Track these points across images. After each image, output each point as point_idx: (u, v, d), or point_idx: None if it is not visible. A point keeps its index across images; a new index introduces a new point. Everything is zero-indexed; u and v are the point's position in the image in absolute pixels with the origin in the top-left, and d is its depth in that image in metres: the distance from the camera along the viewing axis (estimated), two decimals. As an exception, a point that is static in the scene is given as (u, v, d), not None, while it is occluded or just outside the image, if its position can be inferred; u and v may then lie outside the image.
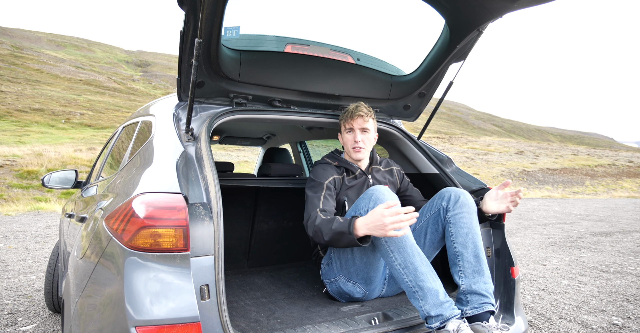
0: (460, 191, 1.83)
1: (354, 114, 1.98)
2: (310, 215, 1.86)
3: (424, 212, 1.92)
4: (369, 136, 2.03)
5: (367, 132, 2.02)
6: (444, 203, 1.82)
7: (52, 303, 3.18)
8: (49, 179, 3.09)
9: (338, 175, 2.06)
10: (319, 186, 1.98)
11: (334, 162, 2.10)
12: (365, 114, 1.98)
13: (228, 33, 1.71)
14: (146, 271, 1.17)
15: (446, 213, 1.81)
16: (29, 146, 18.76)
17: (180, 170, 1.42)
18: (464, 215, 1.76)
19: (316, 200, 1.92)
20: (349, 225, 1.61)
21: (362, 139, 2.00)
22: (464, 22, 1.84)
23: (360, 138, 2.00)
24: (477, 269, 1.66)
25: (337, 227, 1.65)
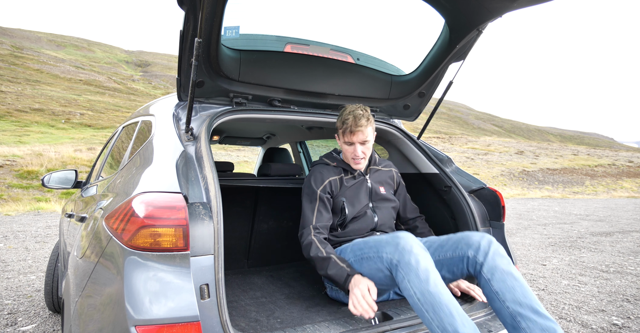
0: (491, 240, 1.63)
1: (353, 129, 1.89)
2: (304, 230, 1.92)
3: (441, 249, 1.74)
4: (368, 145, 1.98)
5: (367, 143, 1.97)
6: (472, 252, 1.62)
7: (52, 303, 3.18)
8: (49, 179, 3.09)
9: (336, 175, 2.05)
10: (312, 195, 1.99)
11: (332, 162, 2.09)
12: (365, 125, 1.90)
13: (228, 33, 1.71)
14: (146, 270, 1.17)
15: (479, 266, 1.59)
16: (29, 146, 18.76)
17: (180, 170, 1.42)
18: (504, 267, 1.55)
19: (309, 212, 1.96)
20: (345, 281, 1.69)
21: (363, 150, 1.97)
22: (463, 22, 1.84)
23: (360, 151, 1.96)
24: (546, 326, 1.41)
25: (333, 274, 1.72)
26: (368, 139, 1.94)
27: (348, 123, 1.90)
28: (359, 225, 2.01)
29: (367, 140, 1.94)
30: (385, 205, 2.09)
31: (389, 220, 2.09)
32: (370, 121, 1.93)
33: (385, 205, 2.09)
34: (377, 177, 2.14)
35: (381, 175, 2.16)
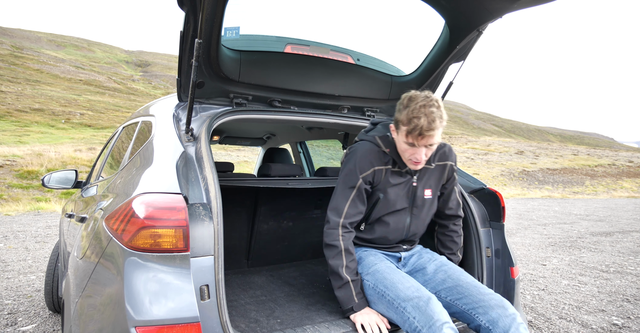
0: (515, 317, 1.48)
1: (424, 132, 1.51)
2: (330, 225, 1.73)
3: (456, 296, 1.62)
4: (434, 147, 1.62)
5: (433, 145, 1.60)
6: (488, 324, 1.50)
7: (52, 303, 3.18)
8: (49, 179, 3.09)
9: (383, 165, 1.72)
10: (352, 181, 1.70)
11: (385, 147, 1.72)
12: (438, 128, 1.53)
13: (228, 33, 1.72)
14: (146, 271, 1.17)
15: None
16: (29, 146, 18.76)
17: (180, 171, 1.42)
18: None
19: (343, 200, 1.71)
20: (346, 310, 1.65)
21: (427, 153, 1.62)
22: (463, 23, 1.85)
23: (423, 154, 1.61)
24: None
25: (340, 296, 1.66)
26: (436, 141, 1.57)
27: (419, 124, 1.50)
28: (387, 232, 1.79)
29: (434, 143, 1.58)
30: (424, 210, 1.82)
31: (422, 228, 1.87)
32: (443, 120, 1.55)
33: (424, 211, 1.82)
34: (428, 177, 1.80)
35: (432, 175, 1.81)
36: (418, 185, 1.77)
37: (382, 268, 1.68)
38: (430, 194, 1.80)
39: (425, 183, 1.79)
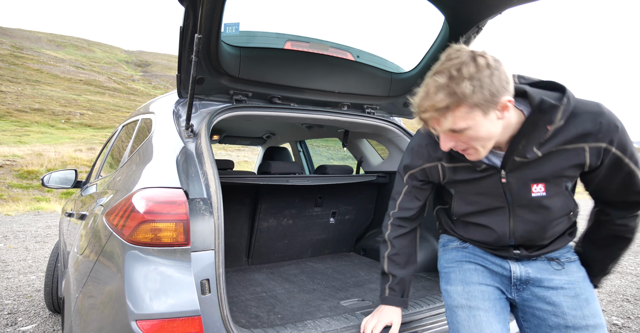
0: None
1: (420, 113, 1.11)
2: (388, 214, 1.53)
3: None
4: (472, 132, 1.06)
5: (461, 133, 1.07)
6: None
7: (52, 303, 3.18)
8: (49, 179, 3.10)
9: (436, 160, 1.33)
10: (402, 177, 1.45)
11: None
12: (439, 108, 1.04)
13: (228, 29, 1.72)
14: (147, 265, 1.17)
15: None
16: (29, 146, 18.76)
17: (181, 166, 1.43)
18: None
19: (398, 192, 1.47)
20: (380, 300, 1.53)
21: (458, 142, 1.12)
22: (463, 19, 1.85)
23: (448, 145, 1.14)
24: None
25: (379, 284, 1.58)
26: (457, 127, 1.05)
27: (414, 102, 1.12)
28: (484, 234, 1.32)
29: (454, 129, 1.06)
30: (539, 211, 1.22)
31: (543, 232, 1.24)
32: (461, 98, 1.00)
33: (539, 211, 1.22)
34: (533, 169, 1.18)
35: (543, 165, 1.16)
36: (510, 180, 1.20)
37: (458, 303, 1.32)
38: (542, 190, 1.19)
39: (527, 177, 1.19)
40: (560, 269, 1.28)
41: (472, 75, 0.98)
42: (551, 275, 1.27)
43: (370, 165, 3.09)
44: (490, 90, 0.99)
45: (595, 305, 1.23)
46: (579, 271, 1.29)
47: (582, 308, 1.21)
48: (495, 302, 1.30)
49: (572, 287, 1.25)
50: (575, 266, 1.29)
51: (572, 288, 1.24)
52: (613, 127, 1.10)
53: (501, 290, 1.33)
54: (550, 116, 1.09)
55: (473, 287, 1.31)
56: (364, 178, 2.83)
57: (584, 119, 1.10)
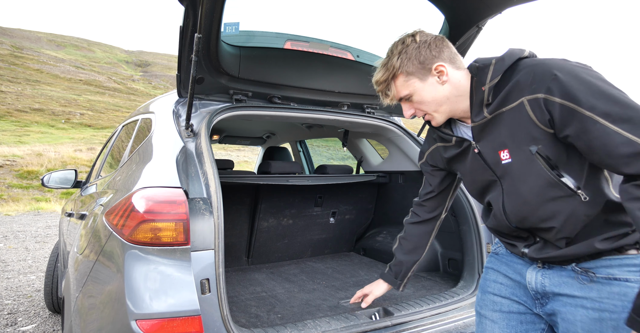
0: None
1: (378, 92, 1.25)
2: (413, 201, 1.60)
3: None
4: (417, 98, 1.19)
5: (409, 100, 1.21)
6: None
7: (52, 303, 3.18)
8: (49, 179, 3.10)
9: (434, 142, 1.39)
10: (420, 158, 1.49)
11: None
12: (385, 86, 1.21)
13: (227, 29, 1.71)
14: (146, 265, 1.17)
15: None
16: (29, 146, 18.76)
17: (180, 166, 1.43)
18: None
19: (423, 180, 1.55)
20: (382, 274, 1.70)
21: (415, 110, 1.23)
22: (463, 18, 1.84)
23: (408, 113, 1.24)
24: None
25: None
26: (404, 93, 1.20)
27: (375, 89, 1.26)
28: (494, 217, 1.21)
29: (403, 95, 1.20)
30: (519, 181, 1.08)
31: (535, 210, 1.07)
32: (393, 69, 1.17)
33: (520, 182, 1.08)
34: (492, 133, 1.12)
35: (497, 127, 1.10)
36: (482, 149, 1.15)
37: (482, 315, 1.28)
38: (507, 157, 1.09)
39: (494, 144, 1.12)
40: (586, 283, 1.02)
41: (400, 50, 1.16)
42: (574, 291, 1.03)
43: (370, 165, 3.09)
44: (419, 60, 1.14)
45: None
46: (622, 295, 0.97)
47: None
48: (509, 315, 1.21)
49: (596, 308, 0.99)
50: (619, 287, 0.97)
51: (596, 310, 0.99)
52: (549, 75, 0.96)
53: (526, 304, 1.18)
54: (481, 77, 1.10)
55: (486, 296, 1.28)
56: (364, 178, 2.83)
57: (519, 73, 1.03)
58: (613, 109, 0.88)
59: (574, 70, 0.95)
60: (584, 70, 0.95)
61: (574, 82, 0.93)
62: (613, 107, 0.88)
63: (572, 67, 0.96)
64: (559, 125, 0.97)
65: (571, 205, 1.00)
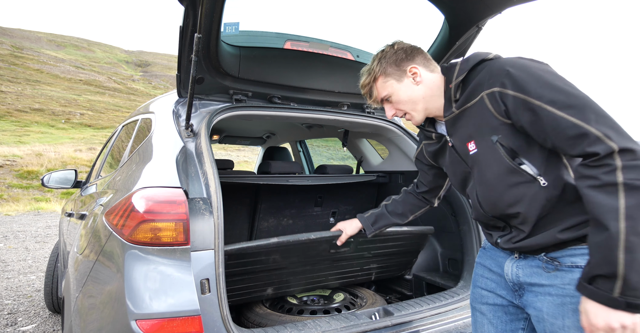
0: None
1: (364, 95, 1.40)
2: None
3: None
4: (396, 98, 1.31)
5: (389, 100, 1.34)
6: None
7: (52, 304, 3.18)
8: (49, 179, 3.10)
9: (422, 141, 1.52)
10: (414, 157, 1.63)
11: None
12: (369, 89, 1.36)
13: (227, 29, 1.72)
14: (146, 265, 1.17)
15: None
16: (29, 146, 18.76)
17: (180, 166, 1.43)
18: None
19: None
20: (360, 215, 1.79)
21: (395, 110, 1.35)
22: (463, 18, 1.85)
23: (389, 113, 1.37)
24: None
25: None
26: (384, 93, 1.33)
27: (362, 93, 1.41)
28: (473, 209, 1.31)
29: (384, 96, 1.34)
30: (485, 170, 1.17)
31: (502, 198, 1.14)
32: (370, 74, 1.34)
33: (485, 171, 1.17)
34: (461, 127, 1.23)
35: (464, 121, 1.20)
36: (455, 143, 1.27)
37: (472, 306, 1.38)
38: (474, 147, 1.19)
39: (463, 137, 1.23)
40: (551, 271, 1.09)
41: (380, 56, 1.33)
42: (542, 280, 1.11)
43: (370, 165, 3.09)
44: (395, 62, 1.30)
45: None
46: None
47: (563, 318, 1.05)
48: (494, 307, 1.28)
49: (559, 294, 1.06)
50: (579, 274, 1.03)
51: (559, 296, 1.06)
52: (502, 71, 1.07)
53: (507, 297, 1.25)
54: (449, 76, 1.23)
55: (476, 290, 1.35)
56: (364, 178, 2.83)
57: (481, 72, 1.14)
58: (558, 97, 0.98)
59: (524, 65, 1.06)
60: (534, 65, 1.06)
61: (524, 76, 1.03)
62: (558, 95, 0.98)
63: (523, 62, 1.07)
64: (513, 116, 1.06)
65: (532, 190, 1.07)
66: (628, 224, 0.87)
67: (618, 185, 0.89)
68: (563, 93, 0.98)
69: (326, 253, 1.85)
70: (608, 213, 0.89)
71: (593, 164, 0.93)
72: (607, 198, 0.90)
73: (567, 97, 0.98)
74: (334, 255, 1.90)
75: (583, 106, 0.96)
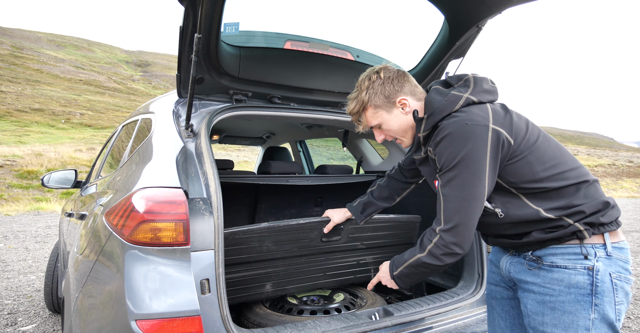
0: None
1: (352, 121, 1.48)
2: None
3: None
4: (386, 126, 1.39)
5: (380, 128, 1.42)
6: None
7: (52, 304, 3.18)
8: (49, 179, 3.10)
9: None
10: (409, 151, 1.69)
11: None
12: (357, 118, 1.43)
13: (227, 29, 1.72)
14: (146, 265, 1.17)
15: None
16: (29, 146, 18.76)
17: (180, 166, 1.43)
18: None
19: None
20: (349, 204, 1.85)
21: (385, 136, 1.45)
22: (463, 18, 1.85)
23: (379, 138, 1.46)
24: None
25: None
26: (371, 122, 1.41)
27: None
28: None
29: (371, 125, 1.41)
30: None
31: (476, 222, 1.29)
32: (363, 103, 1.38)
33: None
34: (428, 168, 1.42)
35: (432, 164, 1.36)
36: (425, 176, 1.46)
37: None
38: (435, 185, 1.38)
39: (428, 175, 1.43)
40: (532, 269, 1.23)
41: (367, 86, 1.35)
42: (526, 277, 1.25)
43: (370, 165, 3.09)
44: (384, 94, 1.34)
45: (560, 315, 1.16)
46: (560, 280, 1.17)
47: (544, 315, 1.18)
48: (501, 301, 1.40)
49: (540, 292, 1.20)
50: (558, 273, 1.18)
51: (540, 294, 1.20)
52: (438, 139, 1.23)
53: (511, 289, 1.38)
54: (418, 126, 1.33)
55: (488, 287, 1.47)
56: (364, 178, 2.83)
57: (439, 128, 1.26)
58: (448, 186, 1.20)
59: (452, 138, 1.19)
60: (460, 145, 1.17)
61: (445, 148, 1.19)
62: (450, 184, 1.19)
63: (453, 137, 1.18)
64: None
65: (495, 219, 1.25)
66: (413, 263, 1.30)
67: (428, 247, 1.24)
68: (455, 185, 1.18)
69: (318, 242, 1.87)
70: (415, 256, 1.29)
71: (432, 232, 1.24)
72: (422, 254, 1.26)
73: (451, 189, 1.19)
74: (327, 245, 1.91)
75: (455, 201, 1.18)
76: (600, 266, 1.13)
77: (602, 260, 1.14)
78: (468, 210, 1.17)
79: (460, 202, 1.17)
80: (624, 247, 1.20)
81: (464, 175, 1.16)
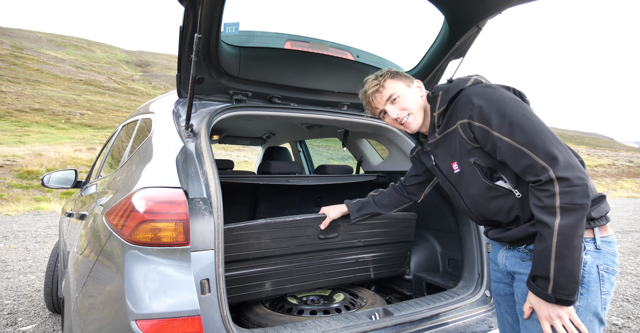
0: None
1: (368, 97, 1.46)
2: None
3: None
4: (403, 99, 1.41)
5: (396, 100, 1.41)
6: None
7: (52, 304, 3.18)
8: (49, 179, 3.10)
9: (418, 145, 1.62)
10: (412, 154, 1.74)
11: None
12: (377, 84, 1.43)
13: (227, 29, 1.71)
14: (146, 265, 1.17)
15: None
16: (29, 146, 18.76)
17: (180, 166, 1.43)
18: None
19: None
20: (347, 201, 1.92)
21: (399, 110, 1.41)
22: (463, 18, 1.85)
23: (395, 114, 1.42)
24: None
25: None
26: (392, 93, 1.41)
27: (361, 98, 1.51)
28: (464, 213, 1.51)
29: (391, 94, 1.41)
30: (468, 186, 1.35)
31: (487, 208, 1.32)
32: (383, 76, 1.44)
33: (468, 187, 1.35)
34: (443, 149, 1.40)
35: (447, 144, 1.37)
36: (437, 161, 1.45)
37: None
38: (457, 167, 1.35)
39: (445, 156, 1.39)
40: (525, 261, 1.28)
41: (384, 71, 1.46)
42: (520, 269, 1.29)
43: (370, 165, 3.09)
44: (403, 75, 1.45)
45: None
46: None
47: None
48: (506, 298, 1.43)
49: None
50: None
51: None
52: (468, 104, 1.24)
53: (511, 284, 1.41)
54: (433, 105, 1.37)
55: (493, 284, 1.50)
56: (364, 178, 2.83)
57: (457, 101, 1.30)
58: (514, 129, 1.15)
59: (489, 97, 1.21)
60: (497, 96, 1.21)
61: (487, 108, 1.20)
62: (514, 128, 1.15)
63: (489, 94, 1.22)
64: (480, 142, 1.25)
65: (510, 201, 1.25)
66: (559, 239, 1.06)
67: (556, 207, 1.08)
68: (519, 125, 1.15)
69: (315, 239, 1.88)
70: (546, 229, 1.09)
71: (538, 188, 1.12)
72: (546, 217, 1.09)
73: (522, 129, 1.14)
74: (324, 242, 1.92)
75: (534, 138, 1.12)
76: (588, 259, 1.17)
77: (590, 253, 1.18)
78: (554, 139, 1.12)
79: (541, 134, 1.12)
80: (612, 240, 1.23)
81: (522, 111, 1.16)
